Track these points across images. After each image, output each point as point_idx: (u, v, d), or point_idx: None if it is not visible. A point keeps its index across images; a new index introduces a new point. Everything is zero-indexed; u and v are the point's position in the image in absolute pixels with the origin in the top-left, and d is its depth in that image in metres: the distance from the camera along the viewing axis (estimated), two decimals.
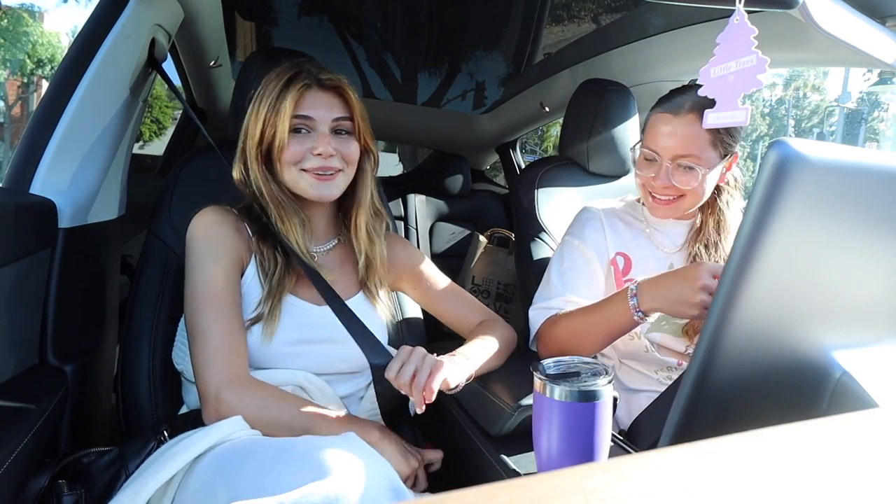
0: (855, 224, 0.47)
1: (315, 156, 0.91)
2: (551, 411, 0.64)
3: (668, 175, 1.03)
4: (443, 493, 0.25)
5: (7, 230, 0.79)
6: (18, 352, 0.86)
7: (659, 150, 1.04)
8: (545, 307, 1.08)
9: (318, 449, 0.67)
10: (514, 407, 0.85)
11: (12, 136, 15.25)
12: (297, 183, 0.93)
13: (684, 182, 1.03)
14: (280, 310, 0.92)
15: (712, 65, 0.72)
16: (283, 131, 0.90)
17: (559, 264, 1.13)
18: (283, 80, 0.91)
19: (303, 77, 0.91)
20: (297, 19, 2.02)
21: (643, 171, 1.08)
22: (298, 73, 0.92)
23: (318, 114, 0.92)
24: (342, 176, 0.95)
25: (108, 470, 0.79)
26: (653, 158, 1.06)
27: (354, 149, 0.95)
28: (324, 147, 0.90)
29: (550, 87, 2.09)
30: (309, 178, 0.92)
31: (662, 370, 1.10)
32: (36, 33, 14.58)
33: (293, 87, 0.90)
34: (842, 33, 0.95)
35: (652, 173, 1.06)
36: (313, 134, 0.92)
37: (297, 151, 0.91)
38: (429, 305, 1.14)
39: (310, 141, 0.92)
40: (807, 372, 0.51)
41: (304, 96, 0.91)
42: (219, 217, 0.94)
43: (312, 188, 0.93)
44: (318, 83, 0.92)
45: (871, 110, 27.45)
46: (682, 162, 1.02)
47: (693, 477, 0.27)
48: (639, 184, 1.12)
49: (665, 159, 1.03)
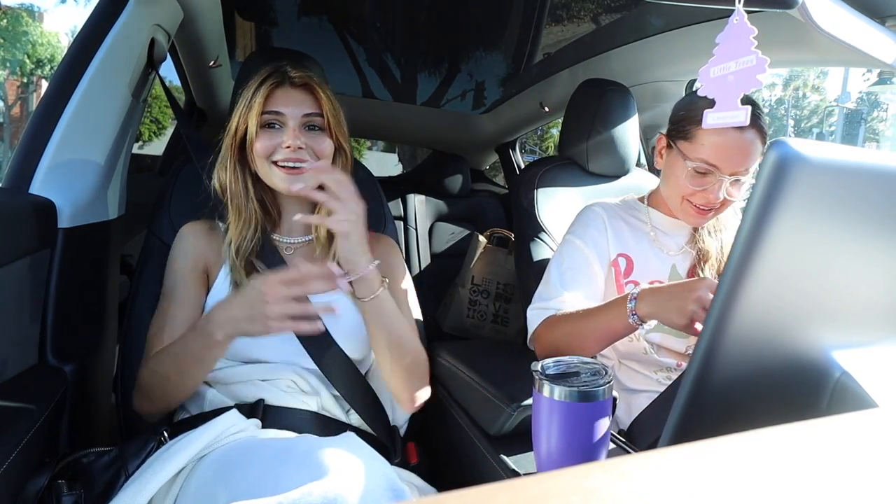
0: (855, 224, 0.47)
1: (284, 148, 0.94)
2: (551, 411, 0.64)
3: (723, 189, 1.00)
4: (442, 493, 0.25)
5: (7, 230, 0.79)
6: (18, 352, 0.86)
7: (720, 164, 1.00)
8: (544, 307, 1.07)
9: (317, 449, 0.67)
10: (513, 407, 0.85)
11: (12, 136, 15.25)
12: (269, 177, 0.97)
13: (735, 194, 1.02)
14: None
15: (712, 65, 0.72)
16: (254, 125, 0.95)
17: (559, 264, 1.12)
18: (259, 79, 0.96)
19: (275, 75, 0.96)
20: (297, 19, 2.02)
21: (693, 183, 1.03)
22: (273, 72, 0.97)
23: (288, 110, 0.96)
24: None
25: (107, 470, 0.79)
26: (706, 171, 1.02)
27: (326, 145, 0.98)
28: (291, 140, 0.94)
29: (550, 87, 2.09)
30: (279, 172, 0.95)
31: (662, 370, 1.10)
32: (35, 33, 14.58)
33: (264, 85, 0.95)
34: (841, 33, 0.95)
35: (704, 186, 1.02)
36: (284, 129, 0.96)
37: (267, 145, 0.95)
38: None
39: (280, 135, 0.95)
40: (806, 372, 0.51)
41: (273, 93, 0.96)
42: (191, 229, 1.02)
43: (283, 182, 0.96)
44: (289, 81, 0.97)
45: (871, 110, 27.45)
46: (738, 176, 1.01)
47: (693, 477, 0.27)
48: (674, 192, 1.08)
49: (724, 173, 1.00)
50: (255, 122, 0.95)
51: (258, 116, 0.95)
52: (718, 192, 1.01)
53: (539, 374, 0.66)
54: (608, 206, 1.19)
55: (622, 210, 1.19)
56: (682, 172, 1.04)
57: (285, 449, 0.71)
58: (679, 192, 1.06)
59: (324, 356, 0.95)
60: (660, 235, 1.15)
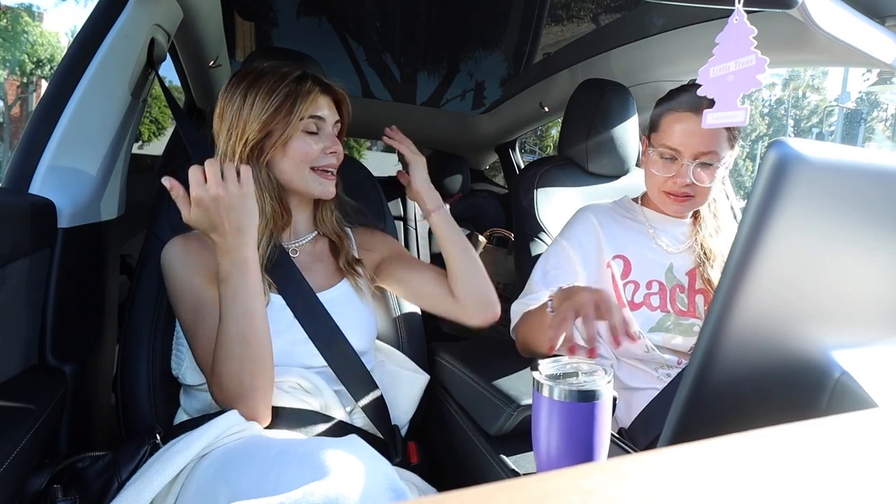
0: (855, 224, 0.47)
1: (329, 154, 0.96)
2: (551, 411, 0.64)
3: (689, 173, 1.06)
4: (442, 493, 0.25)
5: (6, 230, 0.79)
6: (17, 352, 0.86)
7: (681, 148, 1.06)
8: (524, 303, 1.11)
9: (318, 449, 0.67)
10: (513, 407, 0.85)
11: (11, 136, 15.24)
12: (305, 181, 0.96)
13: (705, 179, 1.06)
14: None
15: (711, 65, 0.72)
16: (295, 129, 0.93)
17: (545, 262, 1.17)
18: (291, 80, 0.93)
19: (312, 80, 0.95)
20: (297, 19, 2.02)
21: (661, 170, 1.10)
22: (304, 74, 0.95)
23: (327, 115, 0.97)
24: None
25: (101, 476, 0.80)
26: (672, 157, 1.08)
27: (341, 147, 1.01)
28: (337, 146, 0.97)
29: (550, 87, 2.09)
30: (318, 177, 0.97)
31: (662, 367, 1.10)
32: (35, 33, 14.57)
33: (308, 88, 0.94)
34: (841, 33, 0.95)
35: (671, 172, 1.08)
36: (322, 135, 0.96)
37: (311, 150, 0.95)
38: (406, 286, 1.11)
39: (322, 141, 0.96)
40: (806, 372, 0.51)
41: (318, 98, 0.95)
42: (184, 245, 0.96)
43: (321, 186, 0.97)
44: (325, 87, 0.97)
45: (871, 110, 27.46)
46: (703, 160, 1.05)
47: (692, 477, 0.27)
48: (652, 183, 1.14)
49: (686, 157, 1.06)
50: (297, 126, 0.93)
51: (303, 121, 0.93)
52: (686, 177, 1.06)
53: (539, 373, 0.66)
54: (601, 208, 1.21)
55: (617, 212, 1.20)
56: (654, 163, 1.11)
57: (286, 448, 0.71)
58: (655, 183, 1.12)
59: (331, 348, 0.95)
60: (658, 233, 1.16)
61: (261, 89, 0.92)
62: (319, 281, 1.01)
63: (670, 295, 1.11)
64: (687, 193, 1.09)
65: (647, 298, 1.10)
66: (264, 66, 0.96)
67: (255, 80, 0.93)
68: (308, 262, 1.03)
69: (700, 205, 1.13)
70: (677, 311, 1.10)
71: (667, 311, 1.10)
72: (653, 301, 1.10)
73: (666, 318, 1.09)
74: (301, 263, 1.01)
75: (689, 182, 1.06)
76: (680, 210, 1.13)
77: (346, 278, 1.05)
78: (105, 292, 1.11)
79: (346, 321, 0.98)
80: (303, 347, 0.94)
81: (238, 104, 0.93)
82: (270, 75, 0.94)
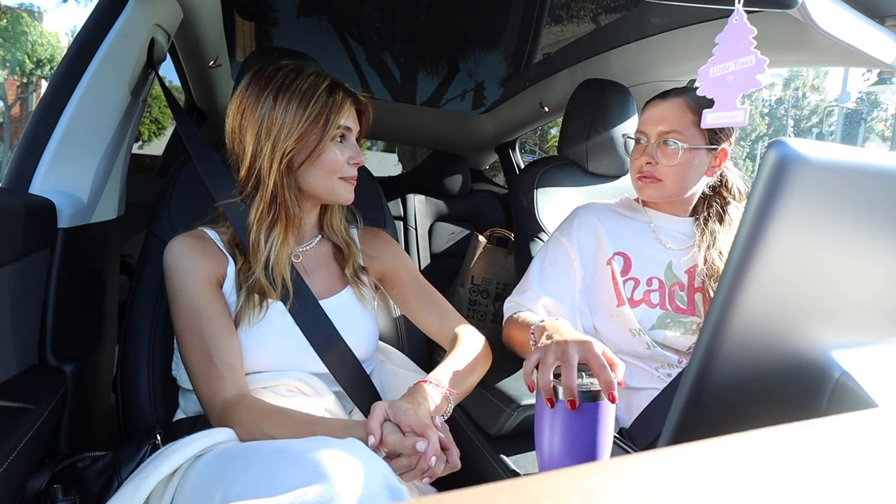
0: (855, 224, 0.46)
1: (353, 165, 0.96)
2: (554, 411, 0.64)
3: (653, 152, 1.10)
4: (442, 493, 0.25)
5: (6, 230, 0.79)
6: (18, 352, 0.85)
7: (646, 130, 1.12)
8: (516, 302, 1.13)
9: (314, 450, 0.67)
10: (513, 407, 0.85)
11: (11, 136, 15.24)
12: (332, 189, 0.97)
13: (667, 157, 1.09)
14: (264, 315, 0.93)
15: (711, 65, 0.72)
16: (329, 139, 0.93)
17: (542, 260, 1.17)
18: (324, 90, 0.91)
19: (343, 91, 0.95)
20: (297, 19, 2.02)
21: (633, 155, 1.16)
22: (335, 83, 0.95)
23: (353, 125, 0.97)
24: None
25: (101, 476, 0.80)
26: (640, 139, 1.14)
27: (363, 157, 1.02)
28: (361, 157, 0.98)
29: (549, 88, 2.09)
30: (345, 185, 0.97)
31: (663, 367, 1.10)
32: (35, 33, 14.57)
33: (341, 98, 0.93)
34: (841, 33, 0.96)
35: (638, 155, 1.14)
36: (347, 143, 0.97)
37: (341, 160, 0.95)
38: (406, 309, 1.11)
39: (348, 150, 0.96)
40: (806, 372, 0.51)
41: (349, 109, 0.95)
42: (185, 244, 0.94)
43: (346, 192, 0.98)
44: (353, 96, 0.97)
45: (871, 110, 27.46)
46: (666, 139, 1.09)
47: (693, 477, 0.27)
48: (631, 173, 1.18)
49: (651, 137, 1.11)
50: (330, 135, 0.92)
51: (335, 130, 0.93)
52: (649, 155, 1.11)
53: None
54: (602, 206, 1.21)
55: (617, 209, 1.21)
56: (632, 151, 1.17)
57: (283, 449, 0.70)
58: (632, 170, 1.17)
59: (332, 355, 0.95)
60: (659, 230, 1.17)
61: (293, 95, 0.90)
62: (322, 287, 1.00)
63: (669, 292, 1.11)
64: (652, 175, 1.11)
65: (647, 295, 1.11)
66: (288, 64, 0.94)
67: (286, 84, 0.90)
68: (311, 266, 1.03)
69: (672, 190, 1.11)
70: (676, 309, 1.10)
71: (666, 309, 1.10)
72: (652, 298, 1.10)
73: (665, 315, 1.09)
74: (304, 268, 1.00)
75: (652, 160, 1.10)
76: (652, 195, 1.14)
77: (350, 286, 1.04)
78: (105, 292, 1.11)
79: (349, 330, 0.98)
80: (303, 354, 0.94)
81: (269, 107, 0.89)
82: (301, 79, 0.91)
